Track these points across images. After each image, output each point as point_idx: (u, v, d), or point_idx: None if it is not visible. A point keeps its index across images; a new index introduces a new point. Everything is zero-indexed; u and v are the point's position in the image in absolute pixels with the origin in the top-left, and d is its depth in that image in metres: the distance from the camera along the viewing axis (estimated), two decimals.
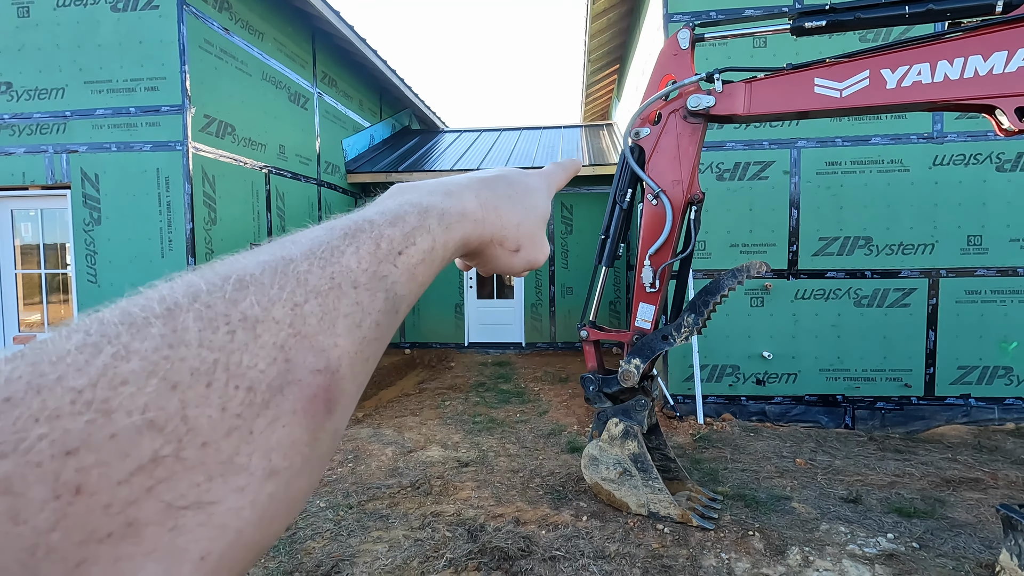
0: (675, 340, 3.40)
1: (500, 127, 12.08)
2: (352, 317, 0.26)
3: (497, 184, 0.43)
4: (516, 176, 0.46)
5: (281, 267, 0.25)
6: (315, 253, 0.27)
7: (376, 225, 0.30)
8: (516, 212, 0.43)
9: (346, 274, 0.27)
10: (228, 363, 0.21)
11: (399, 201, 0.34)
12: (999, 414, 5.30)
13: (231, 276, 0.24)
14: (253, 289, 0.24)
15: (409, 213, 0.33)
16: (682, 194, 3.41)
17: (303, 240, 0.28)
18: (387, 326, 0.29)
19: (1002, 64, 2.65)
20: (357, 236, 0.29)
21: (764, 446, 4.74)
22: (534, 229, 0.45)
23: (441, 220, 0.35)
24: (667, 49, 3.46)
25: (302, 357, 0.24)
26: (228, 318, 0.22)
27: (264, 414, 0.22)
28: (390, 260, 0.30)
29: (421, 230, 0.32)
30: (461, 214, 0.37)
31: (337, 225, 0.30)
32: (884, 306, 5.44)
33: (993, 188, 5.27)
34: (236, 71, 5.91)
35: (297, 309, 0.24)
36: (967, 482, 3.95)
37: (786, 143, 5.47)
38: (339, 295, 0.26)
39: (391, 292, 0.29)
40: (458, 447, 4.74)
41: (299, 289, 0.25)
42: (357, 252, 0.28)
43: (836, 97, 2.98)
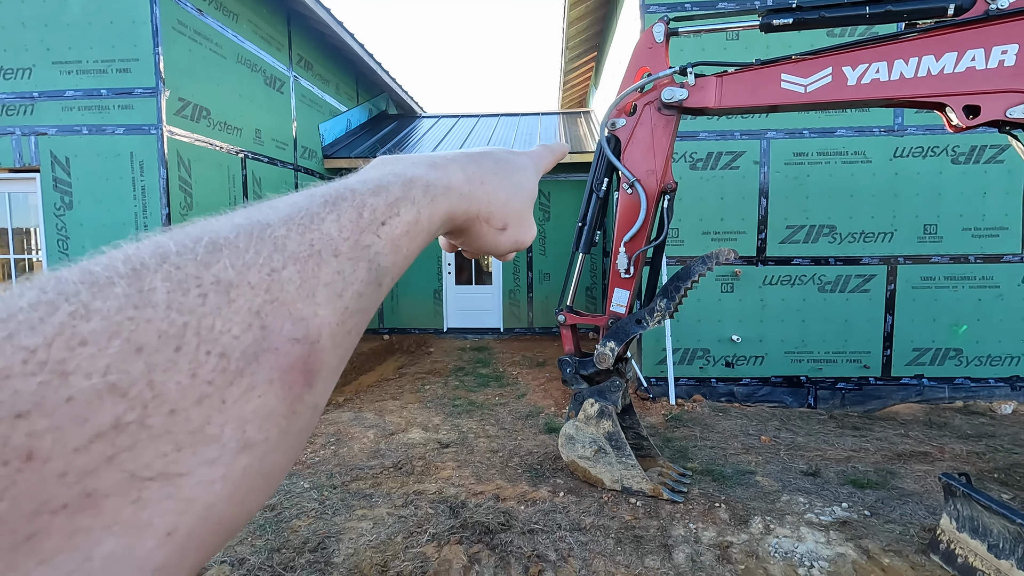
0: (648, 324, 3.56)
1: (478, 113, 12.07)
2: (333, 286, 0.26)
3: (484, 160, 0.42)
4: (504, 154, 0.45)
5: (257, 231, 0.24)
6: (293, 219, 0.26)
7: (358, 194, 0.29)
8: (504, 189, 0.42)
9: (326, 241, 0.26)
10: (199, 327, 0.20)
11: (382, 172, 0.33)
12: (949, 393, 5.64)
13: (203, 238, 0.23)
14: (227, 252, 0.23)
15: (393, 183, 0.32)
16: (656, 183, 3.55)
17: (281, 205, 0.27)
18: (370, 298, 0.28)
19: (952, 64, 2.83)
20: (338, 204, 0.28)
21: (732, 425, 4.98)
22: (521, 207, 0.44)
23: (426, 192, 0.33)
24: (642, 42, 3.56)
25: (279, 324, 0.23)
26: (200, 280, 0.21)
27: (238, 382, 0.21)
28: (372, 230, 0.29)
29: (405, 201, 0.31)
30: (447, 187, 0.36)
31: (317, 192, 0.29)
32: (846, 291, 5.71)
33: (948, 180, 5.55)
34: (210, 53, 5.82)
35: (274, 275, 0.23)
36: (917, 456, 4.24)
37: (756, 134, 5.66)
38: (319, 263, 0.25)
39: (374, 263, 0.28)
40: (439, 429, 4.86)
41: (276, 255, 0.24)
42: (338, 220, 0.27)
43: (801, 92, 3.14)
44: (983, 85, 2.78)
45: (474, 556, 2.92)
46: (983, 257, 5.58)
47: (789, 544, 3.01)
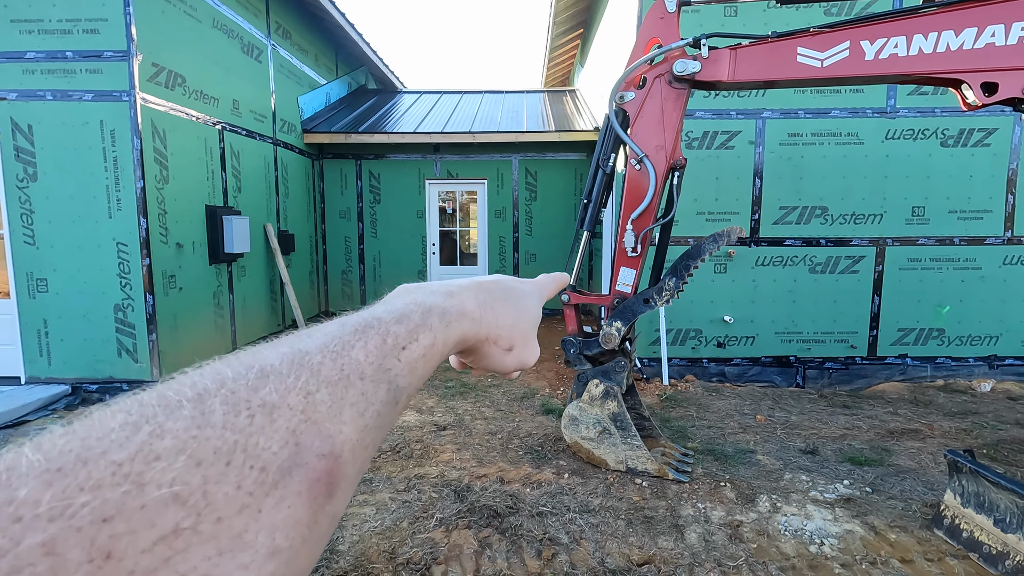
0: (656, 303, 3.50)
1: (462, 90, 11.77)
2: (357, 406, 0.29)
3: (494, 287, 0.47)
4: (511, 282, 0.50)
5: (298, 359, 0.28)
6: (328, 347, 0.30)
7: (383, 322, 0.34)
8: (511, 313, 0.46)
9: (354, 366, 0.30)
10: (247, 444, 0.23)
11: (406, 301, 0.38)
12: (931, 372, 5.79)
13: (254, 365, 0.26)
14: (272, 378, 0.26)
15: (414, 312, 0.36)
16: (665, 159, 3.46)
17: (318, 334, 0.31)
18: (387, 416, 0.31)
19: (972, 40, 2.80)
20: (366, 332, 0.32)
21: (726, 405, 5.00)
22: (526, 330, 0.48)
23: (443, 318, 0.38)
24: (653, 12, 3.44)
25: (311, 441, 0.26)
26: (249, 403, 0.24)
27: (273, 494, 0.23)
28: (394, 354, 0.33)
29: (424, 327, 0.36)
30: (460, 313, 0.40)
31: (349, 321, 0.33)
32: (836, 273, 5.77)
33: (937, 162, 5.61)
34: (185, 16, 5.46)
35: (310, 397, 0.27)
36: (908, 433, 4.32)
37: (752, 113, 5.62)
38: (347, 385, 0.29)
39: (393, 384, 0.32)
40: (433, 412, 4.75)
41: (312, 379, 0.27)
42: (365, 346, 0.31)
43: (817, 67, 3.07)
44: (1002, 62, 2.75)
45: (484, 540, 2.85)
46: (967, 239, 5.69)
47: (798, 522, 3.02)
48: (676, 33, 3.39)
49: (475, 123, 9.00)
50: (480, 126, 8.80)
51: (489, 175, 9.06)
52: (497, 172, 9.04)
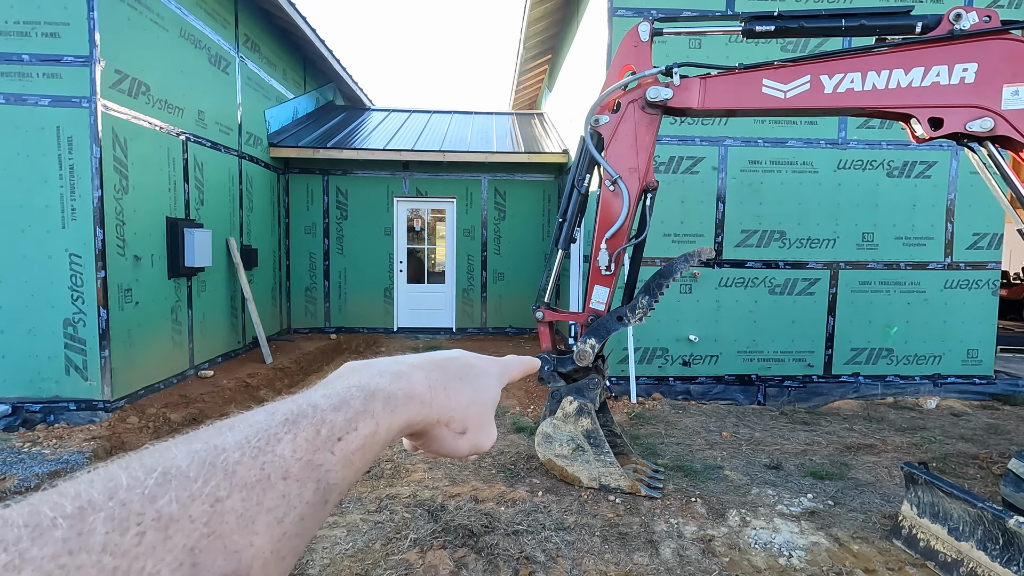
0: (629, 320, 3.57)
1: (431, 109, 11.84)
2: (275, 512, 0.26)
3: (450, 365, 0.44)
4: (470, 359, 0.47)
5: (211, 457, 0.25)
6: (250, 441, 0.27)
7: (320, 410, 0.31)
8: (465, 394, 0.43)
9: (278, 464, 0.27)
10: (129, 570, 0.20)
11: (348, 383, 0.35)
12: (882, 389, 6.07)
13: (157, 468, 0.23)
14: (176, 483, 0.23)
15: (355, 397, 0.33)
16: (638, 181, 3.57)
17: (242, 426, 0.28)
18: (312, 519, 0.28)
19: (919, 78, 3.02)
20: (298, 422, 0.29)
21: (692, 422, 5.11)
22: (482, 413, 0.45)
23: (387, 404, 0.35)
24: (627, 40, 3.58)
25: (212, 560, 0.23)
26: (141, 518, 0.21)
27: None
28: (328, 447, 0.30)
29: (365, 415, 0.33)
30: (408, 396, 0.37)
31: (280, 409, 0.30)
32: (794, 294, 6.02)
33: (884, 191, 5.98)
34: (151, 24, 5.34)
35: (218, 505, 0.24)
36: (864, 448, 4.51)
37: (715, 140, 5.86)
38: (266, 487, 0.26)
39: (323, 481, 0.29)
40: None
41: (225, 482, 0.25)
42: (294, 440, 0.28)
43: (781, 98, 3.25)
44: (946, 99, 2.99)
45: (460, 560, 2.80)
46: (912, 264, 6.05)
47: (767, 535, 3.10)
48: (649, 61, 3.54)
49: (445, 142, 9.06)
50: (450, 145, 8.85)
51: (458, 194, 9.09)
52: (466, 191, 9.09)
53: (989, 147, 3.02)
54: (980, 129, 2.93)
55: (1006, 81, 2.88)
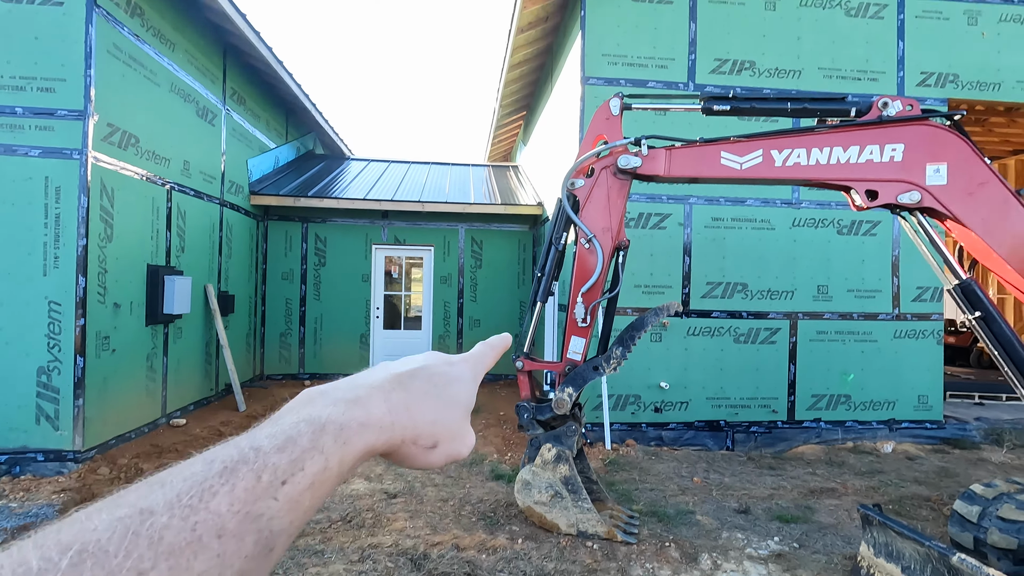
0: (604, 370, 3.77)
1: (409, 160, 12.21)
2: (208, 574, 0.25)
3: (414, 380, 0.42)
4: (438, 367, 0.45)
5: (136, 525, 0.24)
6: (182, 499, 0.25)
7: (262, 453, 0.29)
8: (432, 408, 0.42)
9: (212, 522, 0.25)
10: None
11: (296, 419, 0.33)
12: (842, 434, 6.37)
13: (72, 546, 0.22)
14: (91, 562, 0.22)
15: (303, 433, 0.31)
16: (611, 240, 3.86)
17: (177, 480, 0.27)
18: (255, 571, 0.27)
19: (856, 156, 3.43)
20: (237, 470, 0.27)
21: (665, 468, 5.27)
22: (453, 423, 0.44)
23: (338, 437, 0.33)
24: (600, 113, 3.94)
25: None
26: None
27: None
28: (271, 494, 0.28)
29: (312, 452, 0.31)
30: (363, 424, 0.35)
31: (219, 456, 0.28)
32: (757, 343, 6.35)
33: (835, 247, 6.46)
34: (144, 80, 5.55)
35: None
36: (826, 491, 4.73)
37: (681, 199, 6.28)
38: (196, 550, 0.24)
39: (264, 531, 0.27)
40: (382, 479, 4.70)
41: (149, 552, 0.23)
42: (232, 491, 0.27)
43: (737, 169, 3.61)
44: (879, 175, 3.38)
45: None
46: (864, 315, 6.48)
47: None
48: (619, 132, 3.89)
49: (424, 192, 9.36)
50: (429, 195, 9.15)
51: (436, 242, 9.33)
52: (444, 240, 9.34)
53: (918, 216, 3.41)
54: (909, 201, 3.32)
55: (928, 160, 3.30)
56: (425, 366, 0.45)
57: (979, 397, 7.93)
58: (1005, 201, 3.23)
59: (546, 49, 8.49)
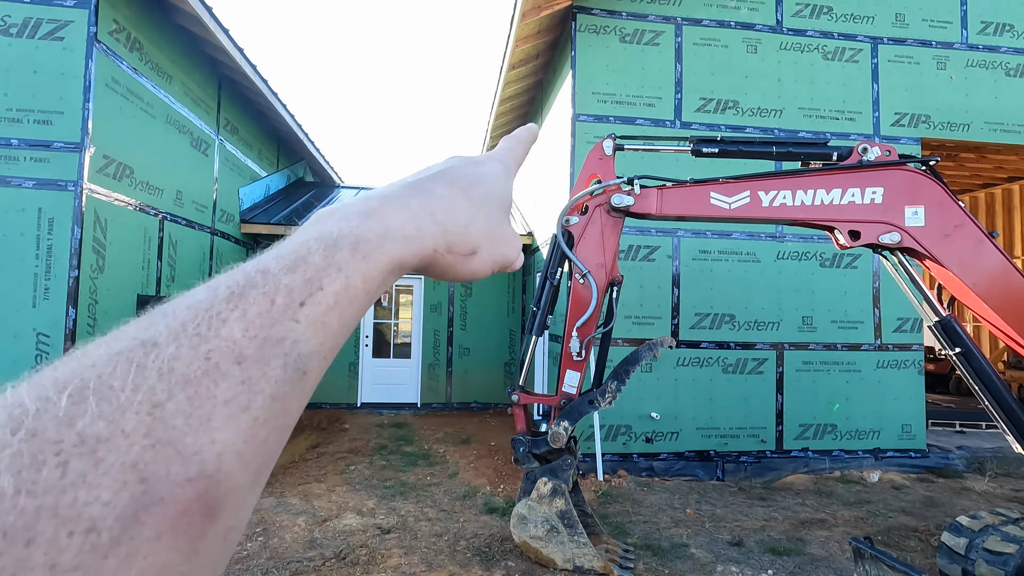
0: (600, 404, 3.82)
1: None
2: (236, 401, 0.23)
3: (435, 184, 0.37)
4: (461, 168, 0.40)
5: (140, 357, 0.22)
6: (187, 328, 0.23)
7: (270, 275, 0.26)
8: (462, 211, 0.37)
9: (227, 349, 0.23)
10: (57, 507, 0.18)
11: (305, 237, 0.30)
12: (829, 464, 6.45)
13: (69, 384, 0.20)
14: (95, 399, 0.20)
15: (313, 251, 0.28)
16: (605, 276, 3.95)
17: (177, 310, 0.24)
18: (290, 396, 0.25)
19: (838, 198, 3.58)
20: (245, 295, 0.25)
21: (657, 499, 5.29)
22: (490, 223, 0.39)
23: (355, 251, 0.30)
24: (593, 154, 4.07)
25: (165, 469, 0.20)
26: (59, 446, 0.19)
27: (115, 552, 0.19)
28: (289, 316, 0.26)
29: (328, 269, 0.28)
30: (383, 235, 0.32)
31: (223, 283, 0.26)
32: (744, 373, 6.46)
33: (819, 280, 6.64)
34: (141, 112, 5.60)
35: (156, 411, 0.21)
36: (816, 522, 4.78)
37: (669, 232, 6.44)
38: (217, 379, 0.23)
39: (292, 354, 0.25)
40: (375, 513, 4.65)
41: (160, 384, 0.21)
42: (244, 316, 0.24)
43: (726, 208, 3.75)
44: (861, 216, 3.54)
45: None
46: (847, 345, 6.64)
47: None
48: (612, 171, 4.02)
49: None
50: None
51: None
52: None
53: (899, 255, 3.56)
54: (890, 241, 3.47)
55: (906, 203, 3.46)
56: (446, 169, 0.40)
57: (960, 425, 8.10)
58: (980, 242, 3.40)
59: (536, 84, 8.72)
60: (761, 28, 6.67)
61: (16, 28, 4.76)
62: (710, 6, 6.61)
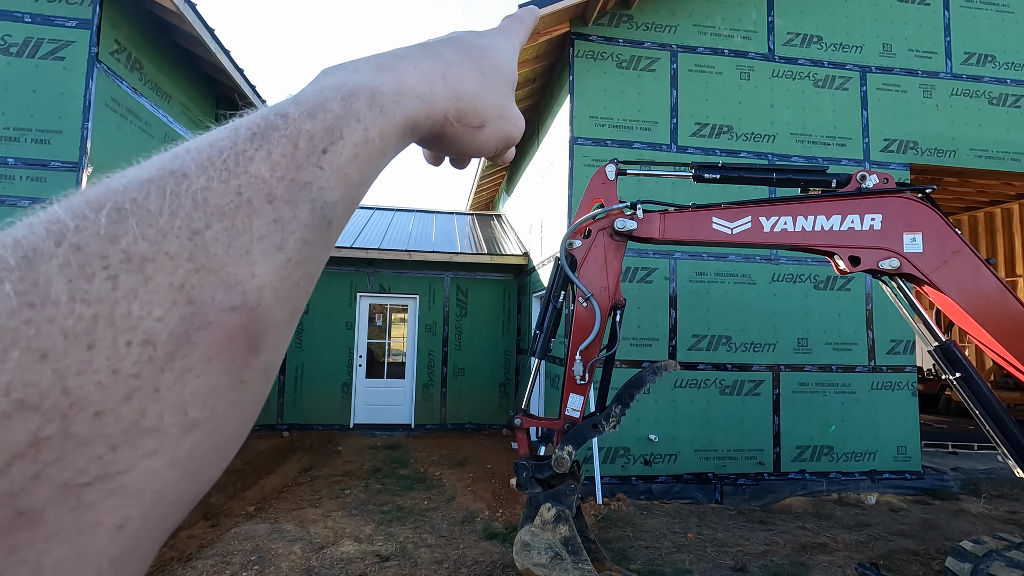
0: (604, 428, 3.80)
1: (394, 207, 12.35)
2: (271, 239, 0.23)
3: (443, 50, 0.37)
4: (467, 38, 0.39)
5: (172, 186, 0.21)
6: (215, 163, 0.23)
7: (291, 120, 0.26)
8: (471, 79, 0.36)
9: (257, 186, 0.23)
10: (113, 317, 0.18)
11: (320, 86, 0.29)
12: (827, 486, 6.45)
13: (105, 204, 0.20)
14: (135, 220, 0.20)
15: (331, 100, 0.28)
16: (608, 299, 3.96)
17: (200, 146, 0.24)
18: (317, 243, 0.25)
19: (838, 224, 3.64)
20: (268, 136, 0.25)
21: (658, 523, 5.24)
22: (498, 96, 0.38)
23: (372, 103, 0.29)
24: (596, 178, 4.11)
25: (210, 295, 0.21)
26: (106, 260, 0.19)
27: (170, 367, 0.19)
28: (313, 162, 0.25)
29: (348, 119, 0.28)
30: (398, 91, 0.31)
31: (243, 124, 0.25)
32: (742, 395, 6.48)
33: (813, 302, 6.71)
34: (139, 131, 5.59)
35: (197, 238, 0.21)
36: (817, 547, 4.76)
37: (666, 254, 6.50)
38: (250, 213, 0.23)
39: (318, 201, 0.25)
40: (372, 540, 4.55)
41: (197, 212, 0.21)
42: (269, 156, 0.24)
43: (728, 233, 3.79)
44: (861, 242, 3.60)
45: None
46: (842, 367, 6.69)
47: None
48: (615, 196, 4.06)
49: (410, 242, 9.45)
50: (415, 244, 9.24)
51: (421, 291, 9.36)
52: (429, 288, 9.38)
53: (898, 281, 3.62)
54: (889, 267, 3.52)
55: (905, 230, 3.53)
56: (454, 37, 0.39)
57: (952, 446, 8.16)
58: (976, 269, 3.47)
59: (532, 107, 8.83)
60: (754, 56, 6.84)
61: (16, 47, 4.75)
62: (704, 34, 6.77)
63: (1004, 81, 7.27)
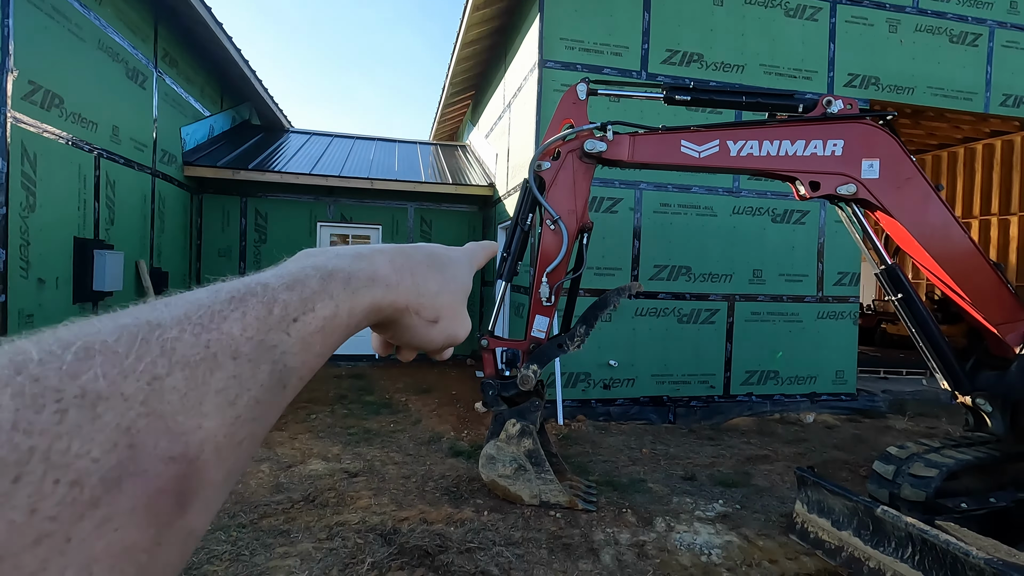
0: (568, 348, 3.91)
1: (354, 135, 11.82)
2: (225, 393, 0.23)
3: (415, 252, 0.41)
4: (436, 248, 0.45)
5: (144, 333, 0.22)
6: (190, 318, 0.24)
7: (270, 289, 0.28)
8: (434, 280, 0.41)
9: (226, 342, 0.24)
10: (49, 451, 0.18)
11: (301, 265, 0.32)
12: (771, 407, 6.91)
13: (74, 343, 0.20)
14: (101, 359, 0.20)
15: (311, 277, 0.30)
16: (576, 222, 3.97)
17: (179, 303, 0.25)
18: (270, 404, 0.26)
19: (802, 149, 3.71)
20: (246, 300, 0.26)
21: (615, 441, 5.54)
22: (454, 300, 0.43)
23: (347, 284, 0.32)
24: (567, 98, 4.02)
25: (153, 441, 0.20)
26: (60, 394, 0.19)
27: (91, 514, 0.18)
28: (282, 328, 0.27)
29: (322, 295, 0.30)
30: (370, 278, 0.34)
31: (224, 288, 0.27)
32: (698, 323, 6.74)
33: (770, 235, 6.92)
34: (69, 35, 5.06)
35: (156, 383, 0.21)
36: (760, 458, 5.16)
37: (632, 184, 6.51)
38: (212, 367, 0.23)
39: (279, 364, 0.26)
40: (340, 459, 4.66)
41: (162, 359, 0.22)
42: (243, 318, 0.25)
43: (696, 157, 3.81)
44: (822, 167, 3.68)
45: None
46: (792, 297, 7.02)
47: (689, 537, 3.51)
48: (585, 117, 3.99)
49: (372, 170, 9.13)
50: (377, 173, 8.94)
51: (384, 221, 9.16)
52: (392, 219, 9.19)
53: (854, 207, 3.75)
54: (846, 192, 3.64)
55: (863, 156, 3.62)
56: (423, 246, 0.44)
57: (884, 372, 8.82)
58: (926, 195, 3.62)
59: (499, 29, 8.43)
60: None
61: None
62: None
63: (966, 19, 7.35)
